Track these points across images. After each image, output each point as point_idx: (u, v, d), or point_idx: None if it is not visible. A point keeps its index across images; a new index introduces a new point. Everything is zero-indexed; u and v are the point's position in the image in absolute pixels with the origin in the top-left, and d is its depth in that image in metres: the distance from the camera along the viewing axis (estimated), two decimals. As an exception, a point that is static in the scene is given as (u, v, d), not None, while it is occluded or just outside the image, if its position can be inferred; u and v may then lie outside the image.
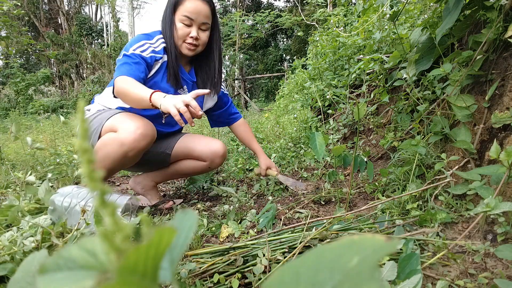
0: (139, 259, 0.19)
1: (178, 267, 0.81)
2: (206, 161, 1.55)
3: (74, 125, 2.68)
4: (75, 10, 19.22)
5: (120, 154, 1.23)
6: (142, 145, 1.26)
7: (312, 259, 0.19)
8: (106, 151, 1.24)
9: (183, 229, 0.24)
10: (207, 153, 1.53)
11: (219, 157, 1.54)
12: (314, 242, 0.93)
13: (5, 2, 3.23)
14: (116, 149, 1.22)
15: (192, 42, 1.40)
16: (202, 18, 1.39)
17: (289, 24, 11.92)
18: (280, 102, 5.25)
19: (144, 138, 1.25)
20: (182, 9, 1.37)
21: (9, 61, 11.74)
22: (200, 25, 1.40)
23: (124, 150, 1.23)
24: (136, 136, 1.23)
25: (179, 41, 1.40)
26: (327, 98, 2.47)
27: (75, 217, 0.99)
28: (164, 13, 1.44)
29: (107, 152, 1.24)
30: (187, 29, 1.39)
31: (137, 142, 1.24)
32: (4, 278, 0.74)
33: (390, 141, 1.60)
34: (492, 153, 0.88)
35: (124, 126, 1.26)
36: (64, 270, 0.21)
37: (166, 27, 1.41)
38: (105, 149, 1.24)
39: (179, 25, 1.38)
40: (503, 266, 0.84)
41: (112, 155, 1.23)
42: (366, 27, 2.34)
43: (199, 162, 1.57)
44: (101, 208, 0.19)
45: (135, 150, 1.25)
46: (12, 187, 1.66)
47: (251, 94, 16.92)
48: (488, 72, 1.19)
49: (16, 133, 1.47)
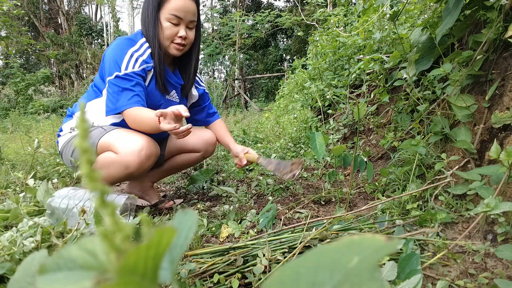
0: (139, 259, 0.19)
1: (178, 267, 0.81)
2: (200, 151, 1.58)
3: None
4: (75, 10, 19.22)
5: (125, 175, 1.23)
6: (147, 166, 1.24)
7: (312, 259, 0.19)
8: (110, 172, 1.21)
9: (183, 229, 0.24)
10: (200, 144, 1.56)
11: (212, 145, 1.58)
12: (314, 242, 0.93)
13: (5, 2, 3.23)
14: (120, 170, 1.20)
15: (181, 42, 1.32)
16: (190, 16, 1.32)
17: (289, 24, 11.92)
18: (280, 102, 5.25)
19: (149, 159, 1.22)
20: (169, 7, 1.28)
21: (9, 61, 11.74)
22: (188, 24, 1.33)
23: (129, 172, 1.21)
24: (142, 158, 1.20)
25: (166, 41, 1.32)
26: (327, 98, 2.47)
27: (73, 218, 0.99)
28: (145, 12, 1.33)
29: (110, 173, 1.22)
30: (175, 28, 1.30)
31: (143, 163, 1.21)
32: (4, 278, 0.74)
33: (390, 141, 1.60)
34: (492, 153, 0.88)
35: (125, 145, 1.21)
36: (64, 270, 0.21)
37: (149, 27, 1.32)
38: (108, 170, 1.21)
39: (166, 25, 1.30)
40: (503, 266, 0.84)
41: (117, 176, 1.22)
42: (366, 27, 2.34)
43: (192, 154, 1.59)
44: (101, 208, 0.19)
45: (140, 171, 1.23)
46: (12, 187, 1.65)
47: (251, 94, 16.92)
48: (488, 72, 1.19)
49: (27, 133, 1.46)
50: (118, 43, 1.32)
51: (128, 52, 1.28)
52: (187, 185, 1.81)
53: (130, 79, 1.25)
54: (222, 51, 12.55)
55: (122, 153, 1.20)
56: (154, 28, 1.31)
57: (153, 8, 1.30)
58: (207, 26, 14.49)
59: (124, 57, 1.27)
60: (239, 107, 10.81)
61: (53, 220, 1.00)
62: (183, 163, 1.62)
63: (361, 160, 1.29)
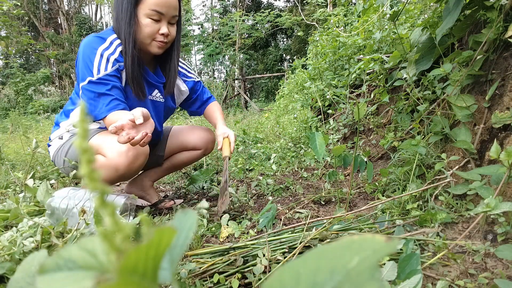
0: (139, 259, 0.19)
1: (178, 267, 0.81)
2: (200, 149, 1.58)
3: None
4: (75, 10, 19.21)
5: (117, 177, 1.20)
6: (138, 165, 1.19)
7: (312, 259, 0.19)
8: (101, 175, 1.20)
9: (183, 229, 0.24)
10: (201, 141, 1.57)
11: (211, 142, 1.60)
12: (314, 242, 0.93)
13: (5, 2, 3.23)
14: (111, 173, 1.17)
15: (163, 40, 1.23)
16: (172, 11, 1.21)
17: (289, 24, 11.92)
18: (280, 102, 5.25)
19: (137, 158, 1.17)
20: (149, 2, 1.17)
21: (9, 61, 11.74)
22: (169, 19, 1.23)
23: (120, 174, 1.18)
24: (130, 159, 1.15)
25: (146, 39, 1.22)
26: (327, 98, 2.47)
27: (73, 219, 0.99)
28: (119, 7, 1.21)
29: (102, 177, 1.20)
30: (156, 25, 1.21)
31: (131, 164, 1.16)
32: (4, 278, 0.74)
33: (390, 141, 1.60)
34: (492, 153, 0.88)
35: (112, 148, 1.15)
36: (64, 270, 0.21)
37: (123, 25, 1.20)
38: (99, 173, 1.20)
39: (145, 21, 1.19)
40: (503, 266, 0.84)
41: (109, 179, 1.19)
42: (366, 27, 2.34)
43: (193, 152, 1.59)
44: (101, 208, 0.19)
45: (132, 171, 1.19)
46: (12, 187, 1.66)
47: (251, 94, 16.92)
48: (488, 72, 1.19)
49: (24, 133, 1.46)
50: (87, 42, 1.22)
51: (98, 51, 1.19)
52: (187, 185, 1.81)
53: (105, 83, 1.17)
54: (222, 51, 12.55)
55: (110, 156, 1.16)
56: (130, 25, 1.20)
57: (128, 3, 1.18)
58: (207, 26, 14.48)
59: (94, 58, 1.18)
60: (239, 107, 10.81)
61: (53, 220, 1.00)
62: (184, 161, 1.62)
63: (361, 160, 1.29)
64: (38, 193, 1.06)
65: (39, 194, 1.06)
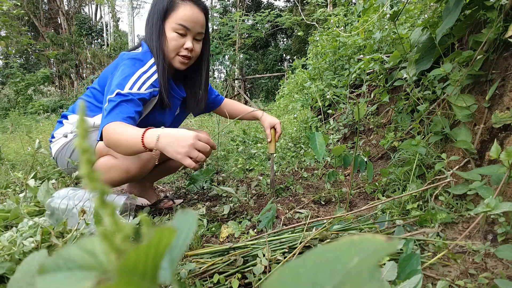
0: (139, 259, 0.19)
1: (178, 267, 0.81)
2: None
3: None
4: (75, 10, 19.23)
5: (126, 179, 1.22)
6: (148, 168, 1.23)
7: (312, 259, 0.19)
8: (110, 176, 1.20)
9: (183, 229, 0.24)
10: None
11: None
12: (314, 242, 0.93)
13: (5, 2, 3.23)
14: (121, 175, 1.19)
15: (187, 54, 1.25)
16: (199, 27, 1.24)
17: (289, 24, 11.93)
18: (280, 102, 5.26)
19: (149, 161, 1.20)
20: (176, 16, 1.20)
21: (9, 61, 11.75)
22: (195, 35, 1.25)
23: (130, 176, 1.20)
24: (143, 162, 1.18)
25: (171, 53, 1.24)
26: (327, 98, 2.47)
27: (73, 219, 0.99)
28: (150, 20, 1.25)
29: (111, 177, 1.21)
30: (181, 39, 1.23)
31: (144, 167, 1.19)
32: (4, 278, 0.74)
33: (390, 141, 1.60)
34: (492, 153, 0.88)
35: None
36: (63, 271, 0.21)
37: (153, 37, 1.23)
38: (109, 174, 1.20)
39: (171, 35, 1.22)
40: (504, 266, 0.84)
41: (118, 180, 1.22)
42: (366, 27, 2.34)
43: None
44: (101, 209, 0.19)
45: (142, 173, 1.23)
46: (12, 187, 1.66)
47: (251, 94, 16.91)
48: (489, 72, 1.19)
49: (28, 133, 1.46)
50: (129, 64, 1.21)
51: (137, 73, 1.20)
52: (187, 185, 1.81)
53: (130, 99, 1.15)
54: (222, 51, 12.55)
55: (121, 157, 1.18)
56: (159, 38, 1.23)
57: (158, 17, 1.22)
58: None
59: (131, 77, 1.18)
60: (239, 107, 10.78)
61: (53, 221, 1.00)
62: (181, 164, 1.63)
63: (361, 160, 1.29)
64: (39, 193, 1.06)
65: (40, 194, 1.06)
